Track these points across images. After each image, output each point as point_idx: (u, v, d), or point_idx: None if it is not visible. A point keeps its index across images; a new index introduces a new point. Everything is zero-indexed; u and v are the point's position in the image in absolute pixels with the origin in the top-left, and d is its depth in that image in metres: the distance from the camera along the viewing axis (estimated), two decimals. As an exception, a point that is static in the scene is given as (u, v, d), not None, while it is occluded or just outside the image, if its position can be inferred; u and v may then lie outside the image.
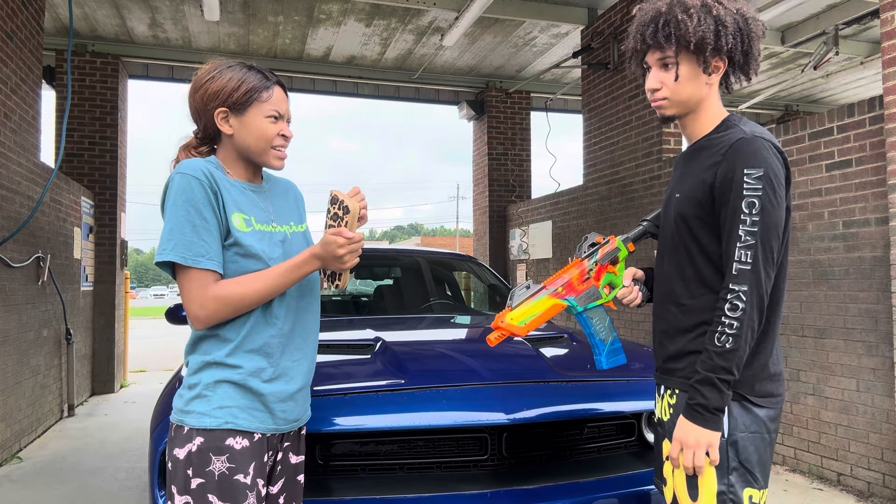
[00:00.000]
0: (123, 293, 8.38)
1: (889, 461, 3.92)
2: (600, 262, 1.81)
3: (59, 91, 7.74)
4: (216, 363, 1.59)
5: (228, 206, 1.61)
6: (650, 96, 1.67)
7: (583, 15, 7.31)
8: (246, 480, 1.57)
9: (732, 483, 1.53)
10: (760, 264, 1.49)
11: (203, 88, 1.65)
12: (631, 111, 6.61)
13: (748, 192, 1.49)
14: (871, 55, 8.13)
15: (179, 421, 1.60)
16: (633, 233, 1.85)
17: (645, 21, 1.63)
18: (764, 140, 1.53)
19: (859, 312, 4.11)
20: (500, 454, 2.23)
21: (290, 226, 1.75)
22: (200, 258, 1.55)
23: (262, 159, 1.68)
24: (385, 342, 2.68)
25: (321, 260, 1.59)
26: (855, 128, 4.14)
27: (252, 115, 1.64)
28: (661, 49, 1.61)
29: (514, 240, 9.32)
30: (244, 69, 1.67)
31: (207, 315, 1.56)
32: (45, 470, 4.61)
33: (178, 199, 1.56)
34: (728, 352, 1.49)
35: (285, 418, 1.66)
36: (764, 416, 1.56)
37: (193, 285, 1.55)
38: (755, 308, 1.49)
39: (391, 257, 4.85)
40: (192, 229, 1.55)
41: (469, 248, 34.07)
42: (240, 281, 1.58)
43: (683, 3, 1.58)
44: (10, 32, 4.89)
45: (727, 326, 1.49)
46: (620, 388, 2.41)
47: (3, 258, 4.68)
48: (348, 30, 7.72)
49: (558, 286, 1.78)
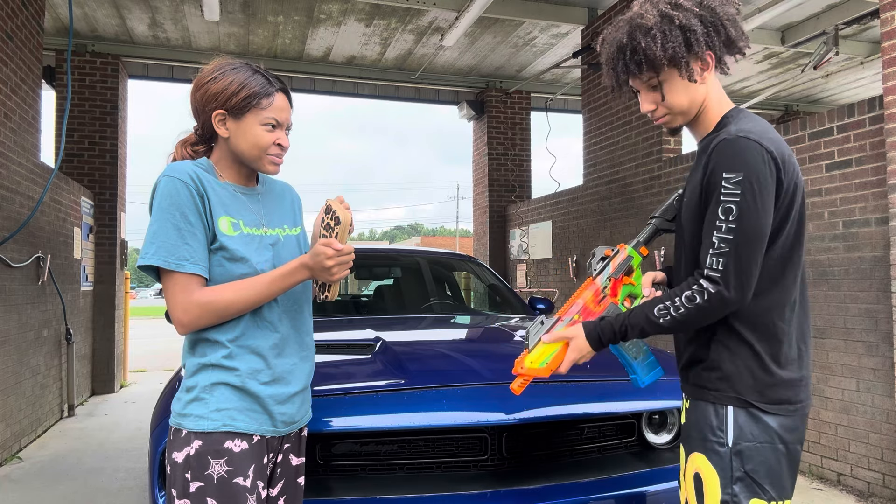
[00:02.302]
0: (123, 293, 8.38)
1: (889, 461, 3.92)
2: (614, 277, 1.69)
3: (59, 91, 7.74)
4: (213, 365, 1.58)
5: (216, 210, 1.59)
6: (650, 117, 1.64)
7: (583, 15, 7.31)
8: (246, 483, 1.55)
9: (736, 493, 1.48)
10: (731, 272, 1.43)
11: (204, 88, 1.63)
12: (631, 111, 6.61)
13: (725, 197, 1.44)
14: (871, 55, 8.13)
15: (178, 424, 1.58)
16: (643, 235, 1.76)
17: (612, 55, 1.59)
18: (749, 140, 1.45)
19: (859, 312, 4.11)
20: (500, 454, 2.23)
21: (283, 229, 1.73)
22: (184, 262, 1.53)
23: (255, 165, 1.65)
24: (385, 342, 2.68)
25: (310, 270, 1.56)
26: (855, 128, 4.14)
27: (249, 122, 1.61)
28: (637, 76, 1.57)
29: (514, 240, 9.32)
30: (248, 72, 1.64)
31: (190, 320, 1.54)
32: (45, 470, 4.61)
33: (163, 202, 1.54)
34: (657, 325, 1.51)
35: (284, 420, 1.64)
36: (776, 425, 1.49)
37: (177, 290, 1.53)
38: (707, 313, 1.47)
39: (391, 257, 4.84)
40: (177, 233, 1.53)
41: (469, 248, 34.07)
42: (226, 287, 1.55)
43: (642, 26, 1.52)
44: (10, 32, 4.89)
45: (675, 308, 1.48)
46: (620, 389, 2.41)
47: (3, 258, 4.68)
48: (348, 30, 7.72)
49: (574, 314, 1.67)
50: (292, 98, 1.72)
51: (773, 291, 1.52)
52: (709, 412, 1.53)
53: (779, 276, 1.52)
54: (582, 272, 7.46)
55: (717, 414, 1.52)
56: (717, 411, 1.52)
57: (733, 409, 1.50)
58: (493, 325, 3.44)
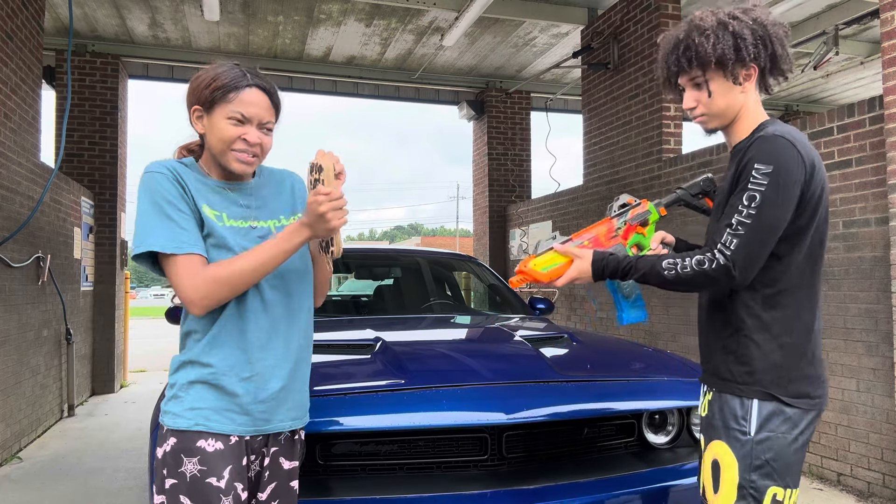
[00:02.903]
0: (123, 293, 8.38)
1: (889, 461, 3.92)
2: (629, 222, 1.85)
3: (59, 91, 7.74)
4: (191, 362, 1.58)
5: (197, 199, 1.59)
6: (690, 114, 1.76)
7: (583, 15, 7.32)
8: (220, 484, 1.53)
9: (755, 480, 1.58)
10: (741, 255, 1.55)
11: (189, 85, 1.64)
12: (631, 111, 6.61)
13: (752, 185, 1.56)
14: (871, 55, 8.13)
15: (161, 421, 1.61)
16: (667, 199, 1.90)
17: (668, 50, 1.74)
18: (786, 140, 1.58)
19: (859, 312, 4.11)
20: (501, 454, 2.23)
21: (277, 220, 1.70)
22: (183, 244, 1.52)
23: (222, 161, 1.61)
24: (385, 342, 2.68)
25: (309, 227, 1.52)
26: (855, 128, 4.14)
27: (216, 115, 1.58)
28: (687, 72, 1.71)
29: (513, 240, 9.32)
30: (225, 68, 1.61)
31: (202, 297, 1.51)
32: (45, 470, 4.61)
33: (147, 196, 1.55)
34: (660, 275, 1.64)
35: (266, 419, 1.60)
36: (797, 418, 1.60)
37: (181, 270, 1.52)
38: (707, 282, 1.59)
39: (391, 257, 4.85)
40: (169, 220, 1.53)
41: (469, 248, 34.06)
42: (231, 260, 1.54)
43: (699, 27, 1.68)
44: (10, 32, 4.89)
45: (682, 267, 1.61)
46: (621, 389, 2.41)
47: (3, 258, 4.68)
48: (348, 30, 7.72)
49: (585, 240, 1.82)
50: (279, 99, 1.67)
51: (803, 289, 1.64)
52: (734, 404, 1.63)
53: (807, 274, 1.64)
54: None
55: (743, 405, 1.62)
56: (742, 403, 1.62)
57: (758, 402, 1.60)
58: (493, 325, 3.44)
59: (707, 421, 1.71)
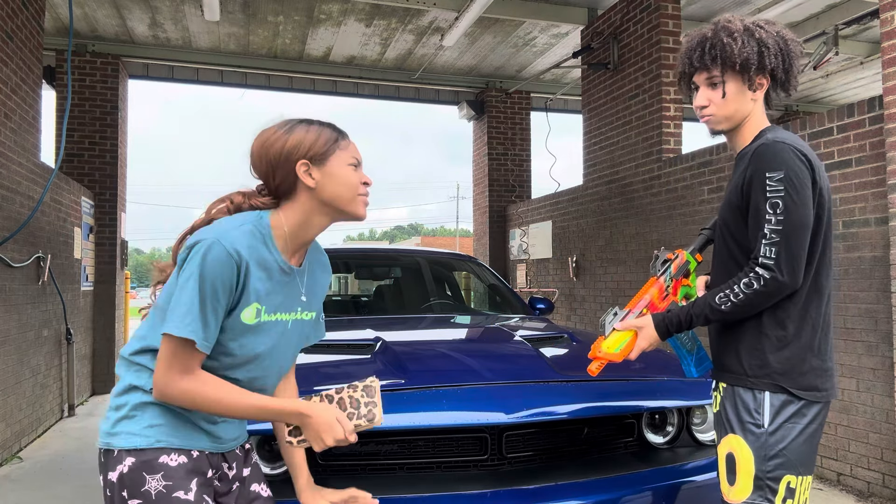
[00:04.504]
0: (123, 293, 8.38)
1: (889, 461, 3.92)
2: (675, 278, 1.93)
3: (59, 91, 7.74)
4: (143, 389, 1.53)
5: (246, 297, 1.52)
6: (699, 113, 1.80)
7: (583, 15, 7.32)
8: (188, 497, 1.49)
9: (771, 469, 1.65)
10: (783, 259, 1.61)
11: (280, 142, 1.57)
12: (631, 111, 6.61)
13: (771, 193, 1.62)
14: (871, 55, 8.13)
15: (107, 445, 1.52)
16: (697, 243, 2.00)
17: (692, 46, 1.78)
18: (784, 144, 1.65)
19: (859, 312, 4.11)
20: (501, 454, 2.23)
21: (296, 312, 1.66)
22: (199, 340, 1.46)
23: (349, 208, 1.60)
24: (385, 342, 2.68)
25: (308, 426, 1.52)
26: (855, 128, 4.14)
27: (335, 164, 1.58)
28: (707, 70, 1.75)
29: (514, 240, 9.32)
30: (311, 124, 1.62)
31: (165, 394, 1.47)
32: (45, 470, 4.61)
33: (200, 271, 1.45)
34: (719, 311, 1.69)
35: (223, 437, 1.61)
36: (805, 409, 1.67)
37: (174, 358, 1.46)
38: (764, 297, 1.64)
39: (391, 257, 4.85)
40: (203, 315, 1.45)
41: (469, 248, 34.07)
42: (217, 387, 1.49)
43: (727, 28, 1.73)
44: (11, 33, 4.89)
45: (734, 295, 1.66)
46: (621, 389, 2.41)
47: (4, 258, 4.68)
48: (348, 30, 7.73)
49: (642, 308, 1.88)
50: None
51: (810, 285, 1.70)
52: (747, 397, 1.70)
53: (813, 271, 1.70)
54: (582, 272, 7.46)
55: (755, 398, 1.69)
56: (755, 396, 1.69)
57: (770, 395, 1.67)
58: (493, 325, 3.44)
59: (720, 416, 1.77)
